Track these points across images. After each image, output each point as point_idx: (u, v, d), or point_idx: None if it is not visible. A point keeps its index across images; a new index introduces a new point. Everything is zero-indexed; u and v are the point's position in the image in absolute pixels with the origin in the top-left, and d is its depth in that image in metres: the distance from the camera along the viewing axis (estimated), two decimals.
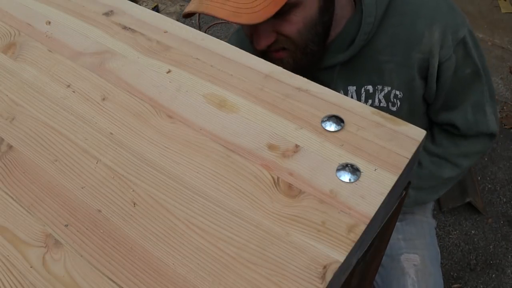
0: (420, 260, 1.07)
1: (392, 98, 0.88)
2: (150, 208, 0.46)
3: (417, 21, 0.82)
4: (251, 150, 0.49)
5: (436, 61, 0.83)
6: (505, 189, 1.79)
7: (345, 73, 0.87)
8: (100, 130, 0.53)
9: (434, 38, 0.82)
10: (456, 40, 0.83)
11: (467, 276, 1.56)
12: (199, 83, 0.57)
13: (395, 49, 0.84)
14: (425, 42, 0.82)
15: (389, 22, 0.83)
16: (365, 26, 0.81)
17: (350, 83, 0.88)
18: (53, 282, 0.42)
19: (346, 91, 0.89)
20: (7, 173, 0.51)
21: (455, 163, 0.99)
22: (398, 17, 0.83)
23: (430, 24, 0.81)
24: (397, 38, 0.83)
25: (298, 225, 0.43)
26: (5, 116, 0.57)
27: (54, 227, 0.46)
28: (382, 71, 0.86)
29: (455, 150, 0.98)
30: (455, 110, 0.92)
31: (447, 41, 0.82)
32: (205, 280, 0.40)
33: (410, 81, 0.86)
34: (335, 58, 0.86)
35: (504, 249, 1.62)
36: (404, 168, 0.46)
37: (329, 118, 0.50)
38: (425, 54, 0.83)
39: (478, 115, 0.92)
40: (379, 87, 0.87)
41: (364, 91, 0.88)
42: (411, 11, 0.82)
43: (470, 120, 0.92)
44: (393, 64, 0.85)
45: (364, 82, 0.88)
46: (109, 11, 0.69)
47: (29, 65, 0.62)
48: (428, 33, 0.82)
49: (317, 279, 0.39)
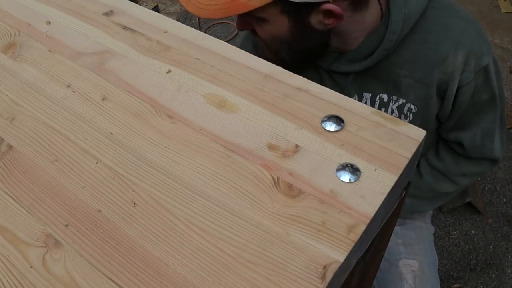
0: (418, 266, 1.08)
1: (405, 111, 0.89)
2: (150, 208, 0.46)
3: (443, 42, 0.82)
4: (251, 150, 0.49)
5: (455, 84, 0.84)
6: (505, 189, 1.79)
7: (361, 80, 0.87)
8: (100, 130, 0.53)
9: (457, 62, 0.82)
10: (479, 67, 0.83)
11: (467, 276, 1.56)
12: (199, 83, 0.57)
13: (415, 65, 0.83)
14: (448, 64, 0.82)
15: (413, 38, 0.82)
16: (387, 42, 0.80)
17: (366, 90, 0.88)
18: (53, 282, 0.42)
19: (361, 97, 0.89)
20: (7, 173, 0.51)
21: (454, 181, 1.01)
22: (423, 35, 0.82)
23: (456, 47, 0.81)
24: (419, 55, 0.83)
25: (298, 225, 0.42)
26: (5, 116, 0.57)
27: (54, 227, 0.46)
28: (399, 84, 0.86)
29: (456, 169, 1.00)
30: (465, 131, 0.93)
31: (469, 66, 0.82)
32: (205, 280, 0.40)
33: (427, 98, 0.86)
34: (350, 66, 0.85)
35: (504, 249, 1.62)
36: (404, 168, 0.46)
37: (329, 118, 0.50)
38: (446, 75, 0.83)
39: (485, 140, 0.93)
40: (394, 97, 0.88)
41: (379, 99, 0.88)
42: (438, 31, 0.82)
43: (477, 143, 0.93)
44: (412, 79, 0.84)
45: (379, 90, 0.88)
46: (109, 11, 0.69)
47: (29, 65, 0.62)
48: (452, 56, 0.81)
49: (317, 279, 0.39)
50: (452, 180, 1.01)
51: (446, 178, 1.01)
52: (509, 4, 2.55)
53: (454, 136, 0.95)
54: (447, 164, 1.00)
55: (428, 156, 1.03)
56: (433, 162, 1.02)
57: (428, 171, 1.02)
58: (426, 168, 1.02)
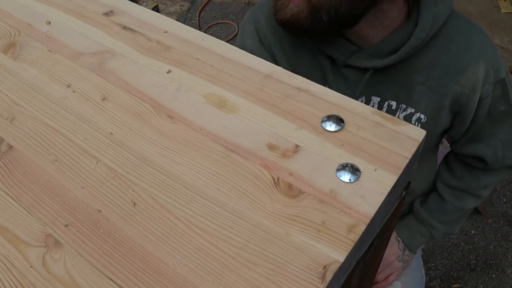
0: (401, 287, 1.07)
1: (413, 121, 0.86)
2: (150, 208, 0.46)
3: (464, 53, 0.81)
4: (251, 150, 0.49)
5: (477, 97, 0.83)
6: (505, 189, 1.79)
7: (375, 81, 0.84)
8: (100, 130, 0.53)
9: (479, 74, 0.81)
10: (497, 79, 0.83)
11: (467, 276, 1.56)
12: (199, 83, 0.57)
13: (432, 73, 0.82)
14: (468, 76, 0.81)
15: (434, 44, 0.81)
16: (415, 40, 0.78)
17: (376, 93, 0.86)
18: (53, 282, 0.42)
19: (369, 100, 0.87)
20: (7, 173, 0.51)
21: (477, 195, 1.01)
22: (445, 43, 0.81)
23: (476, 59, 0.80)
24: (438, 63, 0.81)
25: (298, 225, 0.43)
26: (5, 116, 0.57)
27: (54, 227, 0.46)
28: (412, 91, 0.84)
29: (477, 184, 0.99)
30: (482, 144, 0.92)
31: (489, 79, 0.82)
32: (205, 280, 0.40)
33: (438, 108, 0.84)
34: (370, 62, 0.82)
35: (504, 249, 1.62)
36: (404, 168, 0.46)
37: (329, 118, 0.50)
38: (466, 89, 0.81)
39: (506, 151, 0.93)
40: (403, 106, 0.85)
41: (387, 106, 0.86)
42: (460, 41, 0.81)
43: (499, 156, 0.93)
44: (426, 87, 0.83)
45: (389, 96, 0.85)
46: (109, 11, 0.69)
47: (29, 65, 0.62)
48: (473, 68, 0.80)
49: (317, 279, 0.39)
50: (475, 195, 1.00)
51: (469, 194, 1.00)
52: (509, 4, 2.55)
53: (471, 150, 0.93)
54: (466, 181, 0.99)
55: (444, 177, 1.02)
56: (451, 182, 1.01)
57: (448, 193, 1.01)
58: (445, 191, 1.01)
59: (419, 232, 1.04)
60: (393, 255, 1.04)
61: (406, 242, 1.05)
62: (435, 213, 1.03)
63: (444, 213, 1.02)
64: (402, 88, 0.84)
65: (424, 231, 1.04)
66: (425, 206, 1.04)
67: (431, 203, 1.04)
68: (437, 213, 1.03)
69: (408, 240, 1.05)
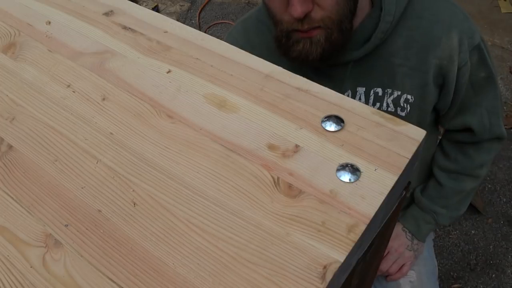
0: (416, 276, 1.08)
1: (402, 103, 0.87)
2: (150, 208, 0.46)
3: (434, 26, 0.82)
4: (251, 150, 0.49)
5: (455, 66, 0.83)
6: (505, 189, 1.79)
7: (357, 72, 0.86)
8: (100, 130, 0.53)
9: (453, 43, 0.82)
10: (472, 46, 0.83)
11: (467, 276, 1.56)
12: (199, 83, 0.57)
13: (409, 52, 0.83)
14: (444, 47, 0.82)
15: (405, 24, 0.82)
16: (384, 24, 0.80)
17: (360, 84, 0.87)
18: (53, 282, 0.42)
19: (355, 92, 0.88)
20: (7, 173, 0.51)
21: (474, 175, 1.01)
22: (415, 20, 0.82)
23: (448, 29, 0.81)
24: (412, 42, 0.82)
25: (298, 225, 0.43)
26: (5, 116, 0.57)
27: (54, 227, 0.46)
28: (394, 74, 0.85)
29: (472, 164, 1.00)
30: (468, 114, 0.92)
31: (463, 46, 0.83)
32: (205, 280, 0.40)
33: (423, 86, 0.86)
34: (349, 55, 0.84)
35: (504, 249, 1.62)
36: (404, 168, 0.46)
37: (329, 118, 0.50)
38: (443, 60, 0.83)
39: (492, 118, 0.93)
40: (389, 90, 0.87)
41: (373, 94, 0.87)
42: (429, 16, 0.82)
43: (486, 124, 0.93)
44: (407, 68, 0.84)
45: (374, 84, 0.87)
46: (109, 11, 0.69)
47: (29, 65, 0.62)
48: (446, 39, 0.82)
49: (317, 279, 0.39)
50: (472, 175, 1.01)
51: (466, 176, 1.01)
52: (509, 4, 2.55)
53: (459, 122, 0.94)
54: (461, 163, 1.00)
55: (439, 162, 1.03)
56: (447, 166, 1.02)
57: (445, 177, 1.02)
58: (442, 175, 1.02)
59: (424, 220, 1.05)
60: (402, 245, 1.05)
61: (412, 231, 1.05)
62: (436, 199, 1.03)
63: (444, 198, 1.02)
64: (384, 74, 0.85)
65: (429, 218, 1.04)
66: (425, 193, 1.05)
67: (431, 190, 1.04)
68: (438, 199, 1.03)
69: (414, 229, 1.05)
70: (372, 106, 0.88)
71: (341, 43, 0.77)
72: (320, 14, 0.73)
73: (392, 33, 0.82)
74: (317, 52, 0.76)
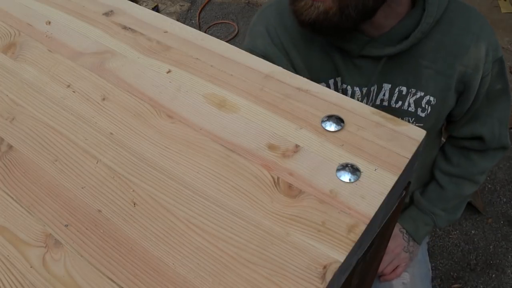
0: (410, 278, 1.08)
1: (423, 104, 0.89)
2: (150, 208, 0.46)
3: (465, 34, 0.84)
4: (251, 150, 0.49)
5: (480, 75, 0.86)
6: (505, 189, 1.79)
7: (387, 68, 0.87)
8: (100, 130, 0.53)
9: (481, 53, 0.84)
10: (495, 58, 0.86)
11: (467, 276, 1.56)
12: (199, 83, 0.57)
13: (437, 56, 0.85)
14: (471, 56, 0.84)
15: (437, 28, 0.84)
16: (425, 25, 0.81)
17: (387, 80, 0.89)
18: (53, 282, 0.42)
19: (381, 87, 0.89)
20: (7, 173, 0.51)
21: (474, 181, 1.03)
22: (447, 26, 0.84)
23: (477, 40, 0.84)
24: (442, 46, 0.84)
25: (298, 225, 0.43)
26: (5, 116, 0.57)
27: (54, 227, 0.46)
28: (420, 75, 0.87)
29: (474, 169, 1.01)
30: (479, 123, 0.94)
31: (489, 57, 0.85)
32: (205, 280, 0.40)
33: (446, 90, 0.88)
34: (383, 50, 0.84)
35: (504, 249, 1.62)
36: (404, 168, 0.46)
37: (329, 118, 0.50)
38: (469, 68, 0.85)
39: (502, 129, 0.96)
40: (413, 90, 0.88)
41: (398, 92, 0.89)
42: (461, 23, 0.84)
43: (496, 134, 0.95)
44: (433, 70, 0.86)
45: (400, 82, 0.88)
46: (109, 11, 0.69)
47: (29, 65, 0.62)
48: (475, 48, 0.84)
49: (317, 279, 0.39)
50: (472, 180, 1.03)
51: (467, 180, 1.02)
52: (509, 4, 2.55)
53: (469, 130, 0.96)
54: (464, 168, 1.01)
55: (441, 166, 1.04)
56: (449, 170, 1.03)
57: (447, 181, 1.03)
58: (444, 179, 1.03)
59: (422, 221, 1.06)
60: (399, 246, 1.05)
61: (410, 232, 1.06)
62: (436, 201, 1.05)
63: (444, 201, 1.04)
64: (411, 73, 0.87)
65: (427, 220, 1.05)
66: (426, 195, 1.06)
67: (431, 192, 1.05)
68: (438, 201, 1.05)
69: (412, 231, 1.06)
70: (394, 104, 0.90)
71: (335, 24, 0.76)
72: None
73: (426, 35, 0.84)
74: (311, 16, 0.75)
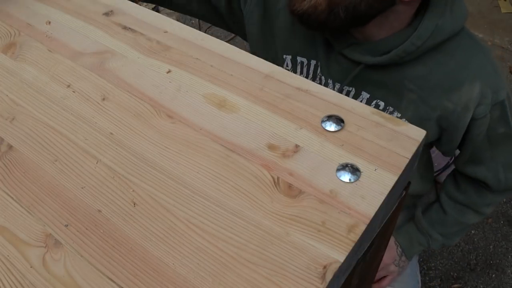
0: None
1: None
2: (150, 208, 0.46)
3: (461, 70, 0.81)
4: (251, 150, 0.49)
5: (469, 116, 0.82)
6: None
7: (366, 77, 0.85)
8: (100, 130, 0.53)
9: (474, 93, 0.81)
10: (495, 101, 0.82)
11: (467, 276, 1.56)
12: (199, 83, 0.57)
13: (425, 84, 0.81)
14: (462, 94, 0.81)
15: (434, 56, 0.80)
16: (409, 45, 0.77)
17: (366, 89, 0.86)
18: (53, 282, 0.42)
19: (359, 95, 0.87)
20: (7, 173, 0.51)
21: (479, 212, 1.01)
22: (445, 57, 0.81)
23: (473, 79, 0.80)
24: (433, 76, 0.81)
25: (298, 225, 0.43)
26: (5, 116, 0.57)
27: (54, 227, 0.46)
28: (401, 96, 0.83)
29: (480, 201, 0.99)
30: (483, 167, 0.92)
31: (486, 99, 0.81)
32: (205, 280, 0.40)
33: (425, 120, 0.84)
34: (362, 57, 0.82)
35: (504, 249, 1.62)
36: (404, 168, 0.46)
37: (329, 118, 0.50)
38: (457, 106, 0.81)
39: (508, 173, 0.93)
40: (390, 108, 0.85)
41: (375, 104, 0.86)
42: (460, 59, 0.81)
43: (501, 179, 0.93)
44: (417, 96, 0.83)
45: (379, 96, 0.85)
46: (109, 11, 0.69)
47: (29, 65, 0.62)
48: (468, 87, 0.80)
49: (317, 279, 0.39)
50: (477, 211, 1.01)
51: (471, 210, 1.00)
52: (509, 4, 2.55)
53: (472, 171, 0.94)
54: (471, 197, 0.99)
55: (449, 190, 1.02)
56: (455, 195, 1.01)
57: (451, 206, 1.01)
58: (449, 204, 1.02)
59: (418, 240, 1.05)
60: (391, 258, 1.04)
61: (404, 247, 1.05)
62: (436, 224, 1.03)
63: (444, 226, 1.02)
64: (393, 92, 0.84)
65: (423, 240, 1.04)
66: (427, 216, 1.04)
67: (433, 213, 1.04)
68: (438, 225, 1.03)
69: (406, 247, 1.05)
70: None
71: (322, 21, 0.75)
72: None
73: (417, 58, 0.80)
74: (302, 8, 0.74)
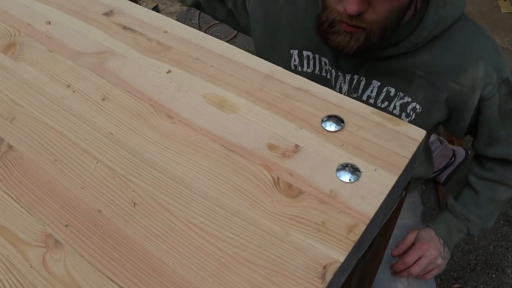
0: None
1: (409, 110, 0.90)
2: (150, 208, 0.46)
3: (465, 53, 0.84)
4: (251, 150, 0.49)
5: (477, 97, 0.86)
6: None
7: (377, 66, 0.88)
8: (100, 130, 0.53)
9: (479, 75, 0.84)
10: (501, 79, 0.86)
11: (467, 276, 1.56)
12: (199, 83, 0.57)
13: (433, 69, 0.85)
14: (467, 76, 0.84)
15: (438, 43, 0.84)
16: (416, 37, 0.81)
17: (376, 78, 0.89)
18: (53, 282, 0.42)
19: (370, 84, 0.90)
20: (7, 173, 0.51)
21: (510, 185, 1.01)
22: (448, 42, 0.84)
23: (476, 60, 0.84)
24: (439, 60, 0.85)
25: (298, 225, 0.43)
26: (5, 116, 0.57)
27: (54, 227, 0.46)
28: (411, 82, 0.87)
29: (509, 174, 1.00)
30: (501, 145, 0.94)
31: (491, 79, 0.85)
32: (205, 280, 0.40)
33: (434, 102, 0.88)
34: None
35: (504, 249, 1.62)
36: (404, 168, 0.46)
37: (329, 118, 0.50)
38: (464, 87, 0.85)
39: None
40: (401, 94, 0.89)
41: (386, 91, 0.89)
42: (463, 42, 0.85)
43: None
44: (425, 80, 0.86)
45: (389, 83, 0.89)
46: (109, 11, 0.69)
47: (29, 65, 0.62)
48: (472, 69, 0.84)
49: (317, 279, 0.39)
50: (508, 185, 1.01)
51: (502, 185, 1.01)
52: (509, 4, 2.54)
53: (493, 152, 0.96)
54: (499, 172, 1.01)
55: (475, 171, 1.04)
56: (483, 174, 1.02)
57: (482, 185, 1.02)
58: (479, 183, 1.02)
59: (456, 227, 1.04)
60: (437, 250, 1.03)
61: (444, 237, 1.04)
62: (470, 206, 1.03)
63: (479, 206, 1.02)
64: (403, 78, 0.87)
65: (461, 226, 1.04)
66: (460, 200, 1.05)
67: (465, 197, 1.04)
68: (472, 207, 1.03)
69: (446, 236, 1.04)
70: (380, 103, 0.91)
71: (376, 47, 0.79)
72: (371, 17, 0.75)
73: (423, 46, 0.84)
74: (352, 48, 0.77)
